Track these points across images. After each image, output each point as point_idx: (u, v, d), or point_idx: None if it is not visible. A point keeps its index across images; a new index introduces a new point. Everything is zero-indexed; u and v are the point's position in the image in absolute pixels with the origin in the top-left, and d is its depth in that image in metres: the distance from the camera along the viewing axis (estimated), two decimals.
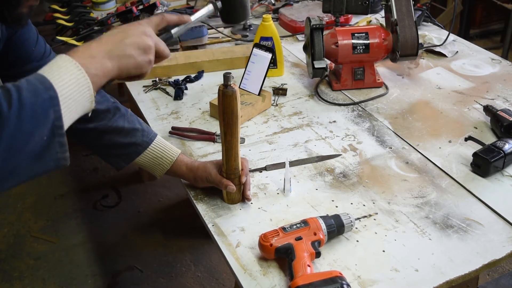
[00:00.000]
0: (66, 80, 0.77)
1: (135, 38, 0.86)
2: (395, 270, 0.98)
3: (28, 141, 0.73)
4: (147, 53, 0.87)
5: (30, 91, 0.73)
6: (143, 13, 2.06)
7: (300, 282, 0.90)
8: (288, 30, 2.09)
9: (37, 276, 2.19)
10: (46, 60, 1.14)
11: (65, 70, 0.78)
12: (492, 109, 1.40)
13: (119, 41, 0.85)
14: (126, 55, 0.85)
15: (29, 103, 0.72)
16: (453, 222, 1.09)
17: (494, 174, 1.23)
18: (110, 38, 0.86)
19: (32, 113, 0.73)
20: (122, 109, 1.20)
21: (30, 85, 0.74)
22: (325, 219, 1.03)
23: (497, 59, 1.81)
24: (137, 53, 0.86)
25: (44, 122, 0.74)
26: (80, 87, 0.78)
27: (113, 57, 0.83)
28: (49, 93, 0.75)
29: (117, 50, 0.84)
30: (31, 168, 0.76)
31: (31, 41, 1.12)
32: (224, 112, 1.05)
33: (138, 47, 0.86)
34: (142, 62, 0.87)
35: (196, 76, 1.72)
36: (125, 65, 0.85)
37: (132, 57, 0.85)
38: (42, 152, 0.75)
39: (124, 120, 1.17)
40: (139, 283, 2.15)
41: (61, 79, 0.76)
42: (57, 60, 0.79)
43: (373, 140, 1.38)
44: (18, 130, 0.72)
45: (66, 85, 0.77)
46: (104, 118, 1.16)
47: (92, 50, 0.83)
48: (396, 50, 1.58)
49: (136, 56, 0.86)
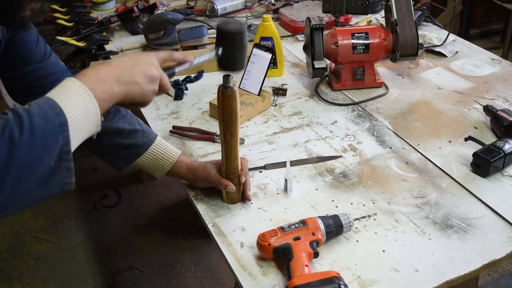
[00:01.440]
0: (76, 105, 0.78)
1: (143, 67, 0.89)
2: (395, 270, 0.98)
3: (37, 167, 0.74)
4: (153, 83, 0.90)
5: (41, 117, 0.74)
6: (143, 13, 2.07)
7: (298, 282, 0.90)
8: (288, 30, 2.09)
9: (37, 276, 2.19)
10: (46, 62, 1.14)
11: (75, 95, 0.79)
12: (492, 109, 1.40)
13: (128, 68, 0.87)
14: (134, 82, 0.87)
15: (40, 130, 0.73)
16: (453, 222, 1.09)
17: (494, 174, 1.23)
18: (120, 63, 0.88)
19: (43, 139, 0.74)
20: (122, 111, 1.20)
21: (41, 111, 0.75)
22: (323, 219, 1.03)
23: (497, 59, 1.81)
24: (144, 82, 0.88)
25: (53, 148, 0.75)
26: (88, 112, 0.80)
27: (121, 82, 0.85)
28: (60, 119, 0.76)
29: (126, 76, 0.86)
30: (38, 192, 0.76)
31: (31, 42, 1.11)
32: (223, 112, 1.05)
33: (145, 75, 0.88)
34: (148, 91, 0.89)
35: (196, 76, 1.72)
36: (131, 92, 0.87)
37: (139, 85, 0.87)
38: (49, 177, 0.76)
39: (124, 122, 1.17)
40: (139, 283, 2.15)
41: (71, 104, 0.78)
42: (67, 84, 0.80)
43: (373, 140, 1.38)
44: (29, 157, 0.72)
45: (75, 110, 0.78)
46: (104, 120, 1.15)
47: (101, 73, 0.84)
48: (396, 50, 1.58)
49: (143, 84, 0.88)
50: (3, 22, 0.93)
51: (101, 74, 0.84)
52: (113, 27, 2.12)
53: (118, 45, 1.98)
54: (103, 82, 0.83)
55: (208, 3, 2.21)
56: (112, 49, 1.95)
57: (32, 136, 0.73)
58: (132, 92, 0.87)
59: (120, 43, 2.01)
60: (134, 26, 2.07)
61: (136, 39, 2.03)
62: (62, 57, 1.95)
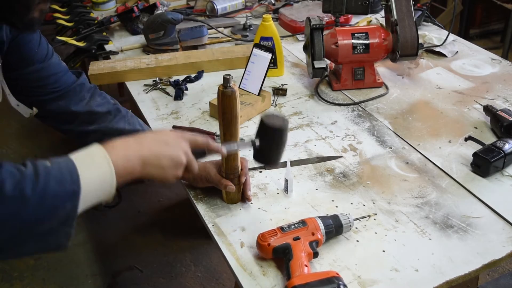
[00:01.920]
0: (94, 176, 0.80)
1: (172, 151, 0.90)
2: (395, 270, 0.98)
3: (40, 225, 0.76)
4: (178, 169, 0.91)
5: (56, 181, 0.76)
6: (143, 13, 2.07)
7: (297, 282, 0.90)
8: (288, 30, 2.09)
9: (37, 276, 2.19)
10: (48, 62, 1.14)
11: (97, 166, 0.81)
12: (492, 109, 1.40)
13: (157, 150, 0.89)
14: (159, 166, 0.89)
15: (51, 194, 0.75)
16: (453, 222, 1.09)
17: (494, 174, 1.23)
18: (151, 142, 0.90)
19: (51, 203, 0.75)
20: (123, 111, 1.20)
21: (59, 173, 0.77)
22: (323, 219, 1.03)
23: (497, 59, 1.81)
24: (169, 166, 0.90)
25: (58, 213, 0.77)
26: (104, 185, 0.82)
27: (146, 165, 0.87)
28: (73, 187, 0.77)
29: (152, 159, 0.88)
30: (33, 246, 0.78)
31: (34, 42, 1.11)
32: (223, 112, 1.05)
33: (172, 160, 0.90)
34: (170, 175, 0.91)
35: (196, 76, 1.72)
36: (153, 173, 0.89)
37: (163, 169, 0.89)
38: (47, 235, 0.77)
39: (124, 122, 1.18)
40: (139, 283, 2.15)
41: (90, 174, 0.79)
42: (94, 152, 0.83)
43: (373, 140, 1.38)
44: (33, 215, 0.74)
45: (92, 182, 0.80)
46: (105, 120, 1.16)
47: (130, 151, 0.86)
48: (396, 50, 1.58)
49: (167, 168, 0.90)
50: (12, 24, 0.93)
51: (129, 152, 0.86)
52: (113, 27, 2.13)
53: (118, 45, 1.98)
54: (128, 162, 0.85)
55: (208, 3, 2.21)
56: (112, 49, 1.95)
57: (42, 199, 0.74)
58: (153, 174, 0.89)
59: (120, 43, 2.01)
60: (134, 26, 2.07)
61: (136, 39, 2.04)
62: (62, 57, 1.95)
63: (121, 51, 1.94)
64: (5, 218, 0.72)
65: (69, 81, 1.16)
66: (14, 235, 0.74)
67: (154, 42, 1.87)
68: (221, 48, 1.87)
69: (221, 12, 2.20)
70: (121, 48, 1.94)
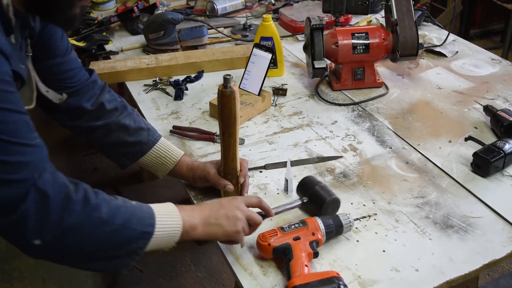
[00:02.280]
0: (166, 226, 0.92)
1: (227, 210, 0.99)
2: (395, 270, 0.98)
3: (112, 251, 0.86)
4: (236, 224, 0.98)
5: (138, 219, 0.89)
6: (143, 13, 2.06)
7: (297, 282, 0.90)
8: (288, 30, 2.09)
9: (37, 276, 2.19)
10: (68, 57, 1.15)
11: (171, 218, 0.93)
12: (492, 109, 1.40)
13: (215, 211, 0.99)
14: (218, 224, 0.97)
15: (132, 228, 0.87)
16: (453, 222, 1.09)
17: (494, 174, 1.23)
18: (210, 207, 1.00)
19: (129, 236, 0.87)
20: (129, 108, 1.23)
21: (141, 213, 0.90)
22: (323, 219, 1.03)
23: (497, 59, 1.81)
24: (226, 223, 0.97)
25: (131, 246, 0.88)
26: (171, 236, 0.93)
27: (206, 224, 0.97)
28: (149, 229, 0.89)
29: (212, 219, 0.98)
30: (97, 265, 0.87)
31: (57, 36, 1.12)
32: (223, 112, 1.05)
33: (228, 217, 0.98)
34: (230, 231, 0.98)
35: (196, 76, 1.72)
36: (214, 232, 0.98)
37: (221, 226, 0.97)
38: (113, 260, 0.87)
39: (130, 119, 1.20)
40: (139, 283, 2.15)
41: (163, 223, 0.91)
42: (169, 206, 0.96)
43: (373, 140, 1.38)
44: (114, 241, 0.85)
45: (163, 230, 0.91)
46: (112, 116, 1.18)
47: (194, 212, 0.98)
48: (396, 50, 1.58)
49: (225, 225, 0.97)
50: (53, 20, 0.95)
51: (194, 213, 0.97)
52: (113, 27, 2.12)
53: (118, 45, 1.98)
54: (193, 219, 0.96)
55: (208, 3, 2.21)
56: (112, 49, 1.95)
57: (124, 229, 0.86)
58: (215, 233, 0.98)
59: (120, 43, 2.01)
60: (134, 26, 2.07)
61: (136, 39, 2.03)
62: None
63: (121, 51, 1.94)
64: (92, 238, 0.83)
65: (84, 78, 1.18)
66: (90, 252, 0.84)
67: (154, 42, 1.87)
68: (221, 48, 1.87)
69: (221, 12, 2.20)
70: (121, 48, 1.94)
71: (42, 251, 0.81)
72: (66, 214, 0.80)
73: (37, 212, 0.77)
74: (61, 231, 0.79)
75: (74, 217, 0.80)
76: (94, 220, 0.83)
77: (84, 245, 0.83)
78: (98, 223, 0.83)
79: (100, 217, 0.83)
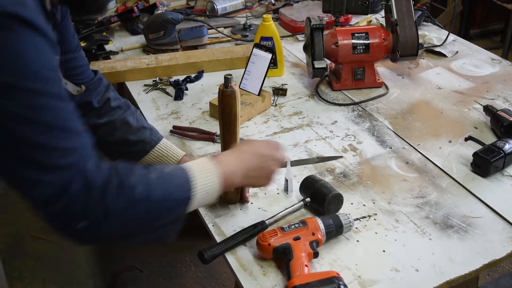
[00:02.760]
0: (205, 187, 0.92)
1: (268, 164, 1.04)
2: (395, 270, 0.98)
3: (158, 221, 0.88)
4: (271, 178, 1.05)
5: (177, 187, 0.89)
6: (143, 13, 2.06)
7: (297, 282, 0.90)
8: (288, 30, 2.09)
9: (37, 276, 2.19)
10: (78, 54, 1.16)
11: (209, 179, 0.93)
12: (492, 109, 1.40)
13: (255, 165, 1.02)
14: (255, 177, 1.02)
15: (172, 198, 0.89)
16: (453, 222, 1.09)
17: (494, 174, 1.23)
18: (251, 158, 1.03)
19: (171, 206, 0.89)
20: (132, 108, 1.24)
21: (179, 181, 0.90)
22: (323, 219, 1.03)
23: (497, 59, 1.81)
24: (264, 176, 1.04)
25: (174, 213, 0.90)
26: (210, 195, 0.94)
27: (245, 177, 1.00)
28: (189, 194, 0.90)
29: (251, 173, 1.01)
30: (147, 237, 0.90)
31: (71, 31, 1.13)
32: (223, 112, 1.05)
33: (267, 172, 1.04)
34: (263, 182, 1.05)
35: (196, 76, 1.72)
36: (251, 183, 1.05)
37: (258, 179, 1.04)
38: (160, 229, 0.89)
39: (133, 118, 1.21)
40: (139, 283, 2.15)
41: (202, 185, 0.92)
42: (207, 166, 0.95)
43: (373, 140, 1.38)
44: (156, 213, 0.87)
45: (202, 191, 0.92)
46: (115, 114, 1.20)
47: (234, 167, 0.99)
48: (396, 50, 1.58)
49: (261, 178, 1.04)
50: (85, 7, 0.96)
51: (233, 168, 0.98)
52: (113, 27, 2.12)
53: (118, 45, 1.98)
54: (232, 174, 0.97)
55: (208, 3, 2.21)
56: (112, 49, 1.95)
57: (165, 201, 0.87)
58: (252, 184, 1.07)
59: (120, 43, 2.01)
60: (134, 26, 2.07)
61: (136, 39, 2.03)
62: None
63: (121, 51, 1.94)
64: (133, 217, 0.83)
65: (91, 76, 1.20)
66: (137, 228, 0.86)
67: (154, 42, 1.87)
68: (221, 48, 1.87)
69: (221, 12, 2.20)
70: (121, 48, 1.94)
71: (87, 233, 0.81)
72: (108, 199, 0.79)
73: (81, 198, 0.77)
74: (104, 214, 0.79)
75: (115, 201, 0.80)
76: (133, 200, 0.82)
77: (128, 225, 0.84)
78: (137, 201, 0.83)
79: (139, 195, 0.83)
